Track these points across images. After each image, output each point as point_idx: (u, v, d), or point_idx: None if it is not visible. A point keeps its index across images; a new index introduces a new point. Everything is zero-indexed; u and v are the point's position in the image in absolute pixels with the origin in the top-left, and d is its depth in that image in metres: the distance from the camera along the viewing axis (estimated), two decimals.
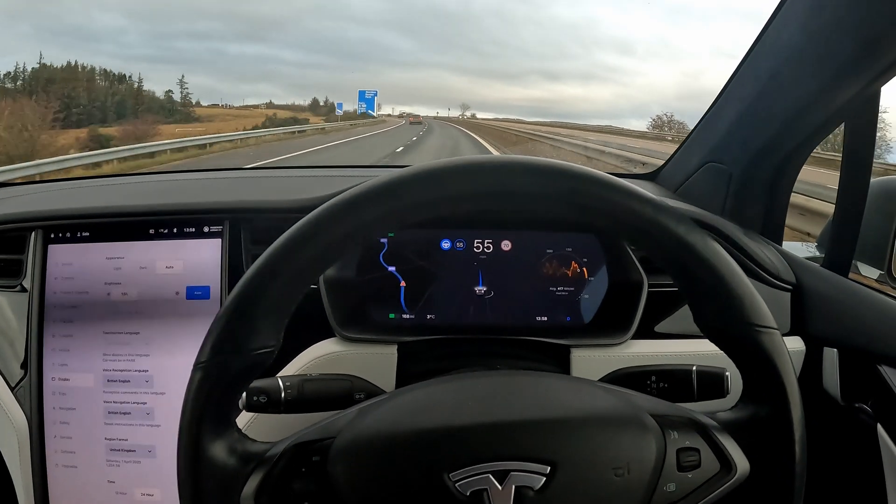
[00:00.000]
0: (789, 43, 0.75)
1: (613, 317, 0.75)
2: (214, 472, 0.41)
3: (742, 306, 0.43)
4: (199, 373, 0.41)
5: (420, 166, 0.43)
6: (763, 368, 0.43)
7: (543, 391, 0.46)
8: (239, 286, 0.42)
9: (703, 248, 0.43)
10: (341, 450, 0.42)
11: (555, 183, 0.43)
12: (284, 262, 0.41)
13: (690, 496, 0.43)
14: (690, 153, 0.95)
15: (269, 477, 0.42)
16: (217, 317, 0.42)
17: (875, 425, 0.70)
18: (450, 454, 0.41)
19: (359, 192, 0.42)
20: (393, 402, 0.46)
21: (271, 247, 0.42)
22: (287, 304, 0.42)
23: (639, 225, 0.43)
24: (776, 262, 0.80)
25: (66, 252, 0.79)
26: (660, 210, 0.43)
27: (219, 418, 0.42)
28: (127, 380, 0.78)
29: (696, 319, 0.46)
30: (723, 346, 0.46)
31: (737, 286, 0.43)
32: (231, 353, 0.41)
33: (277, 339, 0.43)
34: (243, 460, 0.42)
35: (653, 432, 0.44)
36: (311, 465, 0.42)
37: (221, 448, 0.42)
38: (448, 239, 0.77)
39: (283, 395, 0.59)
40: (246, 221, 0.77)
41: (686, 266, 0.44)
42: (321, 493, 0.42)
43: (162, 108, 23.63)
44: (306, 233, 0.42)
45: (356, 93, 36.45)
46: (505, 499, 0.40)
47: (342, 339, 0.72)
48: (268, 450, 0.43)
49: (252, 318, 0.41)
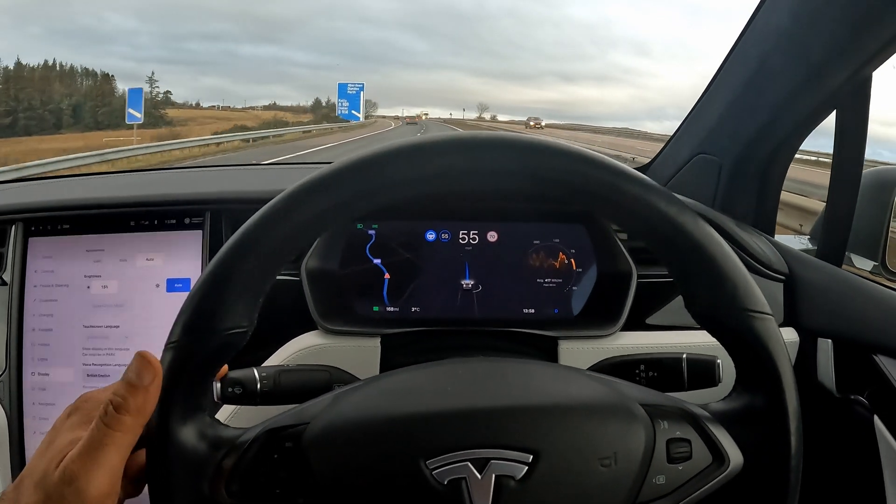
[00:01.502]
0: (778, 28, 0.72)
1: (602, 308, 0.73)
2: (184, 456, 0.39)
3: (735, 291, 0.40)
4: (170, 353, 0.38)
5: (401, 142, 0.40)
6: (757, 356, 0.41)
7: (527, 378, 0.44)
8: (211, 265, 0.39)
9: (694, 229, 0.40)
10: (315, 436, 0.40)
11: (541, 160, 0.40)
12: (257, 241, 0.39)
13: (681, 489, 0.40)
14: (681, 145, 0.92)
15: (241, 464, 0.39)
16: (189, 296, 0.39)
17: (872, 417, 0.67)
18: (427, 441, 0.39)
19: (334, 169, 0.40)
20: (369, 388, 0.43)
21: (244, 225, 0.39)
22: (261, 283, 0.40)
23: (627, 205, 0.40)
24: (768, 253, 0.77)
25: (47, 245, 0.77)
26: (650, 190, 0.40)
27: (189, 401, 0.39)
28: (107, 374, 0.75)
29: (688, 305, 0.43)
30: (715, 332, 0.43)
31: (730, 270, 0.40)
32: (203, 333, 0.38)
33: (251, 319, 0.40)
34: (214, 446, 0.40)
35: (642, 422, 0.41)
36: (283, 452, 0.40)
37: (191, 432, 0.39)
38: (433, 230, 0.74)
39: (258, 386, 0.56)
40: (227, 213, 0.75)
41: (677, 249, 0.41)
42: (293, 481, 0.39)
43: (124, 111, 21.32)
44: (279, 211, 0.39)
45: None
46: (484, 488, 0.38)
47: (325, 331, 0.69)
48: (239, 435, 0.41)
49: (225, 297, 0.38)
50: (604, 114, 71.94)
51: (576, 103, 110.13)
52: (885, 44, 0.66)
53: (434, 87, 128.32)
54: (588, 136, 20.42)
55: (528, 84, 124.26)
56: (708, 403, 0.44)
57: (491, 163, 0.40)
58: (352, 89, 27.99)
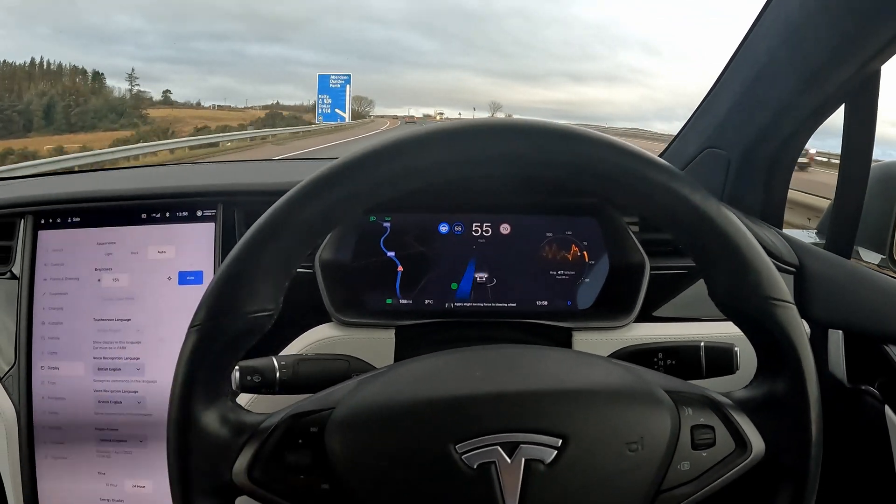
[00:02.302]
0: (786, 22, 0.72)
1: (615, 300, 0.72)
2: (206, 441, 0.38)
3: (759, 279, 0.40)
4: (194, 336, 0.38)
5: (435, 126, 0.40)
6: (778, 344, 0.40)
7: (552, 363, 0.43)
8: (237, 247, 0.38)
9: (718, 217, 0.40)
10: (340, 421, 0.39)
11: (564, 146, 0.40)
12: (286, 222, 0.38)
13: (705, 475, 0.40)
14: (689, 139, 0.92)
15: (263, 449, 0.39)
16: (214, 279, 0.38)
17: (882, 407, 0.67)
18: (456, 425, 0.38)
19: (364, 153, 0.39)
20: (395, 373, 0.42)
21: (271, 208, 0.39)
22: (287, 265, 0.39)
23: (652, 193, 0.40)
24: (778, 245, 0.77)
25: (57, 238, 0.76)
26: (675, 177, 0.40)
27: (212, 385, 0.39)
28: (118, 368, 0.75)
29: (711, 293, 0.43)
30: (737, 320, 0.43)
31: (753, 258, 0.40)
32: (228, 315, 0.38)
33: (277, 302, 0.39)
34: (236, 431, 0.39)
35: (667, 408, 0.40)
36: (308, 437, 0.39)
37: (213, 417, 0.38)
38: (446, 223, 0.74)
39: (277, 374, 0.55)
40: (240, 205, 0.74)
41: (702, 236, 0.40)
42: (318, 467, 0.38)
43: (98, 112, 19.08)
44: (308, 193, 0.39)
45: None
46: (514, 472, 0.37)
47: (339, 323, 0.69)
48: (262, 421, 0.40)
49: (251, 279, 0.38)
50: (613, 114, 71.52)
51: (584, 103, 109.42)
52: (893, 38, 0.65)
53: (442, 86, 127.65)
54: None
55: (536, 84, 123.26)
56: (731, 391, 0.44)
57: (507, 147, 0.40)
58: (335, 82, 21.73)
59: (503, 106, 63.68)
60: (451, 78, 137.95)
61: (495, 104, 57.76)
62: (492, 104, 57.50)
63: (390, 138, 0.39)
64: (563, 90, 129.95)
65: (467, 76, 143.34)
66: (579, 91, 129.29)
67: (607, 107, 77.20)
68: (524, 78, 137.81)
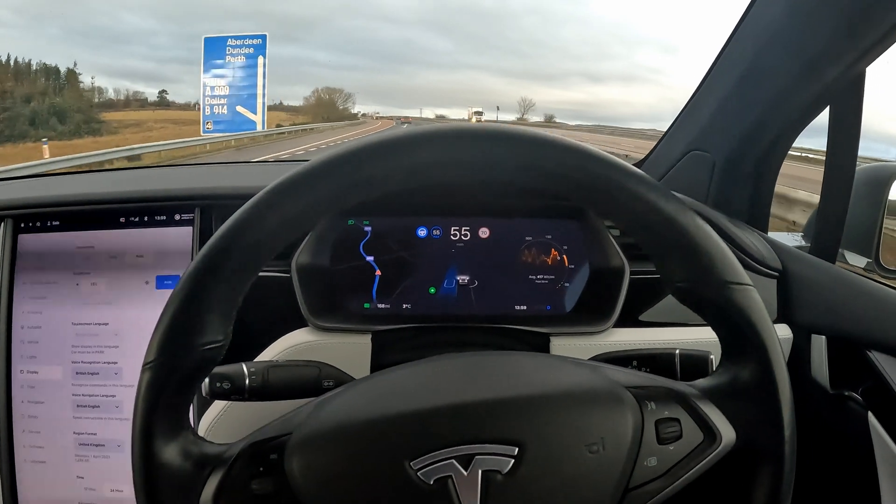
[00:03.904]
0: (771, 23, 0.70)
1: (595, 304, 0.70)
2: (170, 477, 0.37)
3: (712, 263, 0.38)
4: (148, 374, 0.37)
5: (390, 135, 0.38)
6: (740, 328, 0.39)
7: (509, 370, 0.42)
8: (181, 282, 0.37)
9: (665, 204, 0.38)
10: (297, 446, 0.38)
11: (501, 147, 0.38)
12: (224, 254, 0.37)
13: (674, 469, 0.39)
14: (674, 142, 0.90)
15: (227, 479, 0.38)
16: (162, 314, 0.37)
17: (866, 413, 0.65)
18: (410, 441, 0.37)
19: (298, 173, 0.37)
20: (350, 392, 0.41)
21: (211, 238, 0.38)
22: (233, 295, 0.38)
23: (595, 185, 0.38)
24: (762, 249, 0.75)
25: (36, 241, 0.75)
26: (614, 168, 0.38)
27: (171, 421, 0.38)
28: (96, 372, 0.73)
29: (665, 282, 0.41)
30: (695, 307, 0.41)
31: (704, 242, 0.38)
32: (179, 351, 0.37)
33: (226, 332, 0.39)
34: (199, 464, 0.38)
35: (628, 405, 0.39)
36: (268, 464, 0.38)
37: (175, 452, 0.38)
38: (424, 227, 0.72)
39: (247, 381, 0.54)
40: (217, 208, 0.72)
41: (648, 223, 0.39)
42: (281, 493, 0.37)
43: (37, 116, 15.58)
44: (245, 220, 0.37)
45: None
46: (471, 485, 0.36)
47: (315, 328, 0.67)
48: (224, 451, 0.39)
49: (198, 313, 0.37)
50: (630, 115, 70.18)
51: (602, 104, 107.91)
52: (879, 39, 0.64)
53: (456, 87, 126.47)
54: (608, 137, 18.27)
55: (553, 84, 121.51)
56: (695, 381, 0.42)
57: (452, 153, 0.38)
58: (236, 51, 10.26)
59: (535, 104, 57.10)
60: (466, 78, 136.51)
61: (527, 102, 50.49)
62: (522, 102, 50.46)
63: (329, 153, 0.38)
64: (580, 90, 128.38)
65: (482, 76, 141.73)
66: (597, 91, 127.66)
67: (624, 107, 76.29)
68: (541, 78, 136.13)
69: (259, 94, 10.06)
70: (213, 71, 10.20)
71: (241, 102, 9.91)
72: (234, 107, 9.91)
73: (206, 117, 10.00)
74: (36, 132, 14.47)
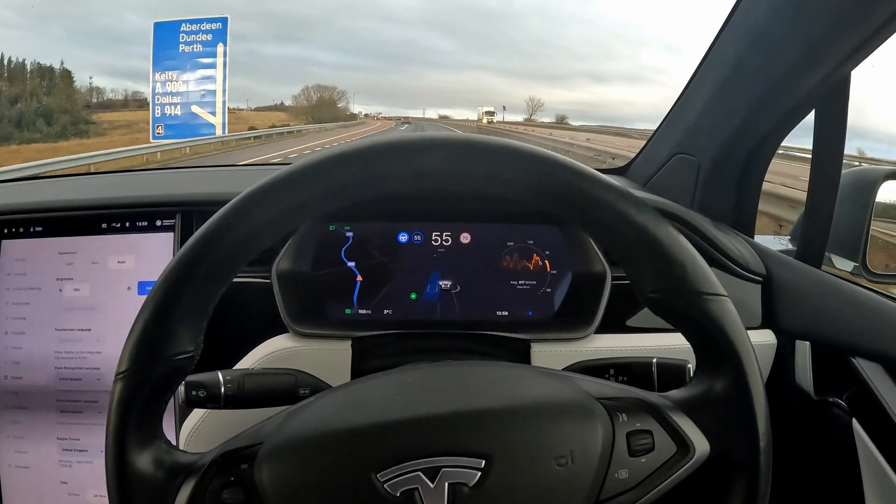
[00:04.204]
0: (755, 26, 0.69)
1: (577, 310, 0.70)
2: (143, 486, 0.37)
3: (684, 273, 0.38)
4: (120, 383, 0.37)
5: (363, 143, 0.38)
6: (714, 339, 0.38)
7: (479, 381, 0.41)
8: (152, 292, 0.38)
9: (635, 214, 0.38)
10: (267, 456, 0.38)
11: (474, 156, 0.38)
12: (194, 265, 0.37)
13: (646, 482, 0.38)
14: (659, 145, 0.89)
15: (199, 488, 0.38)
16: (133, 325, 0.38)
17: (850, 420, 0.64)
18: (377, 452, 0.37)
19: (267, 182, 0.38)
20: (320, 402, 0.41)
21: (181, 249, 0.38)
22: (203, 306, 0.38)
23: (563, 194, 0.38)
24: (746, 254, 0.74)
25: (19, 247, 0.74)
26: (582, 176, 0.38)
27: (144, 430, 0.38)
28: (79, 377, 0.73)
29: (638, 293, 0.40)
30: (669, 318, 0.40)
31: (676, 252, 0.38)
32: (151, 361, 0.37)
33: (197, 342, 0.39)
34: (171, 473, 0.38)
35: (599, 417, 0.39)
36: (238, 474, 0.38)
37: (148, 461, 0.38)
38: (405, 232, 0.71)
39: (222, 389, 0.54)
40: (199, 214, 0.72)
41: (618, 233, 0.38)
42: (251, 503, 0.37)
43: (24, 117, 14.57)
44: (216, 230, 0.37)
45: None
46: (438, 497, 0.36)
47: (295, 334, 0.67)
48: (196, 460, 0.39)
49: (168, 323, 0.37)
50: (634, 115, 68.73)
51: (606, 104, 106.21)
52: (863, 42, 0.63)
53: (461, 87, 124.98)
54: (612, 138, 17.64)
55: (557, 85, 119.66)
56: (668, 392, 0.42)
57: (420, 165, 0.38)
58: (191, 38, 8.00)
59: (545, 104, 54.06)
60: (470, 78, 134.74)
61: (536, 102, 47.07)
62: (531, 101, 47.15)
63: (300, 162, 0.38)
64: (584, 91, 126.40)
65: (486, 76, 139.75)
66: (601, 91, 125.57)
67: (628, 108, 75.09)
68: (545, 78, 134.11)
69: (219, 91, 7.78)
70: (165, 63, 7.86)
71: (197, 101, 7.75)
72: (190, 107, 7.80)
73: (156, 120, 7.93)
74: (21, 134, 13.98)
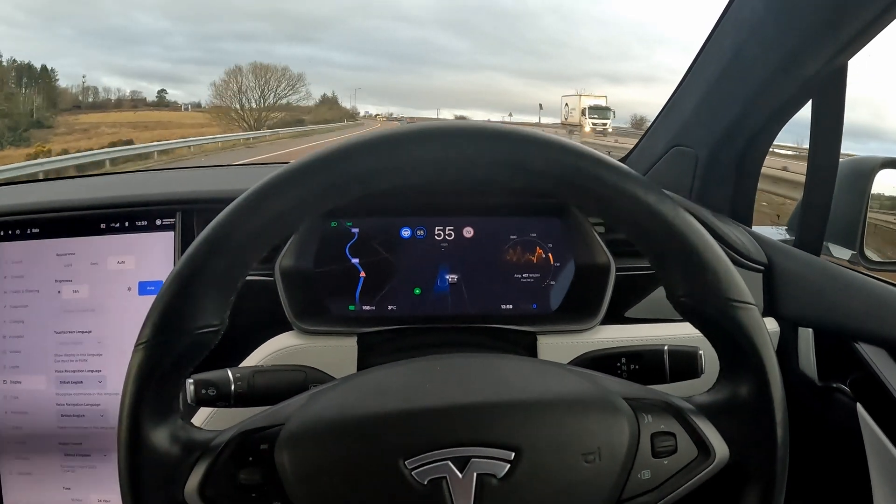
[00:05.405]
0: (752, 17, 0.69)
1: (581, 302, 0.69)
2: (156, 461, 0.36)
3: (717, 280, 0.38)
4: (140, 353, 0.36)
5: (374, 133, 0.37)
6: (740, 346, 0.38)
7: (507, 373, 0.41)
8: (181, 262, 0.36)
9: (674, 218, 0.37)
10: (289, 437, 0.37)
11: (520, 148, 0.37)
12: (227, 236, 0.36)
13: (666, 484, 0.38)
14: (656, 138, 0.89)
15: (215, 467, 0.37)
16: (158, 294, 0.36)
17: (854, 405, 0.64)
18: (406, 439, 0.36)
19: (304, 161, 0.37)
20: (345, 387, 0.40)
21: (213, 221, 0.37)
22: (232, 280, 0.37)
23: (606, 194, 0.37)
24: (747, 243, 0.74)
25: (17, 250, 0.72)
26: (627, 178, 0.37)
27: (161, 403, 0.37)
28: (80, 381, 0.71)
29: (669, 295, 0.40)
30: (697, 323, 0.40)
31: (711, 258, 0.38)
32: (173, 333, 0.36)
33: (222, 317, 0.37)
34: (187, 449, 0.37)
35: (625, 416, 0.38)
36: (257, 455, 0.37)
37: (163, 435, 0.36)
38: (408, 227, 0.70)
39: (232, 387, 0.53)
40: (199, 213, 0.70)
41: (656, 237, 0.38)
42: (268, 485, 0.36)
43: None
44: (250, 205, 0.36)
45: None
46: (466, 487, 0.35)
47: (300, 332, 0.66)
48: (213, 438, 0.38)
49: (195, 295, 0.36)
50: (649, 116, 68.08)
51: (621, 105, 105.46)
52: (859, 32, 0.63)
53: (474, 87, 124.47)
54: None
55: (572, 85, 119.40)
56: (692, 396, 0.41)
57: (471, 153, 0.37)
58: None
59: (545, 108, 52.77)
60: (484, 78, 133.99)
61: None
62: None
63: (332, 146, 0.37)
64: (599, 91, 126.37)
65: (500, 77, 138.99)
66: (616, 92, 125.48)
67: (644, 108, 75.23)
68: (560, 78, 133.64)
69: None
70: None
71: None
72: None
73: None
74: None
